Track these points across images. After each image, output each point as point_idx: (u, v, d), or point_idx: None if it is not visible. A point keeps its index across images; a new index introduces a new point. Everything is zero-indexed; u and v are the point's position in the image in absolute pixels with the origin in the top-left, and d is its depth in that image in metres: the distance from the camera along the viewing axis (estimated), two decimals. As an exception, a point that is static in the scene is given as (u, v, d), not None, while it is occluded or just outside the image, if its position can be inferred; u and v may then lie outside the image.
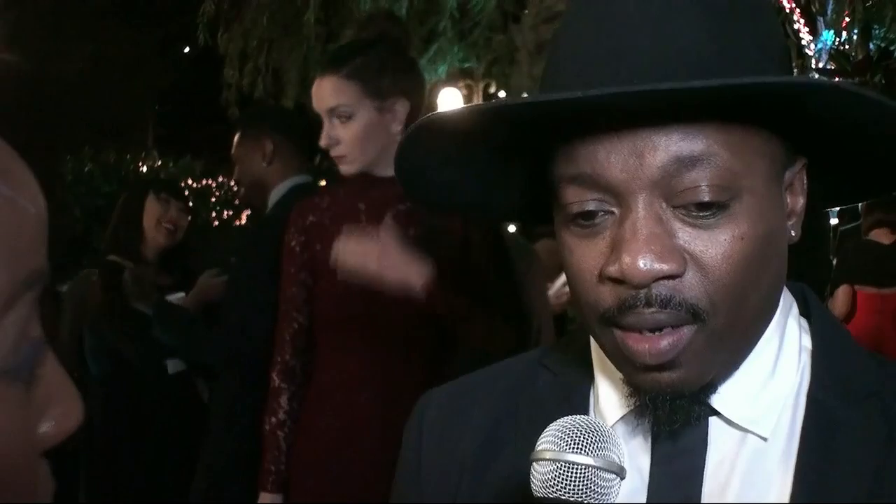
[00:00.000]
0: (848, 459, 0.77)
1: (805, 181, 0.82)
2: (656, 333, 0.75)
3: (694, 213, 0.74)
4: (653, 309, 0.74)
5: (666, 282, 0.74)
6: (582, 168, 0.75)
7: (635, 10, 0.75)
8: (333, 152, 2.30)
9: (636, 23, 0.74)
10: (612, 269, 0.74)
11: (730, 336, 0.76)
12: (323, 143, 2.31)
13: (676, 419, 0.78)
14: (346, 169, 2.29)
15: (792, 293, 0.87)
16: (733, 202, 0.74)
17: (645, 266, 0.72)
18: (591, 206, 0.76)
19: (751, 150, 0.74)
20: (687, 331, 0.74)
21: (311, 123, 2.37)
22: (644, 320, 0.74)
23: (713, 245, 0.74)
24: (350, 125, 2.26)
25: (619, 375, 0.81)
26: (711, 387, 0.79)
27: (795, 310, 0.86)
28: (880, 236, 5.13)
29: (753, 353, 0.81)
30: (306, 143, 3.09)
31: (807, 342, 0.84)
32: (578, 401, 0.87)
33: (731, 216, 0.74)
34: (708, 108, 0.72)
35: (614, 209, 0.75)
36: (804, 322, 0.86)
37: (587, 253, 0.77)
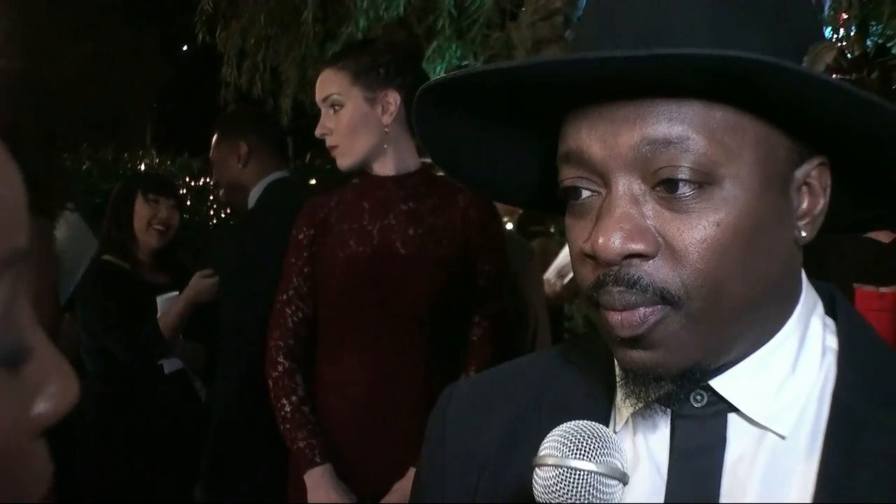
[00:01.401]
0: (872, 461, 0.77)
1: (826, 182, 0.81)
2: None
3: (668, 195, 0.74)
4: (620, 288, 0.75)
5: (636, 262, 0.75)
6: (570, 145, 0.78)
7: None
8: (327, 143, 2.36)
9: (636, 4, 0.76)
10: (586, 246, 0.77)
11: (710, 321, 0.76)
12: (317, 132, 2.36)
13: (664, 400, 0.80)
14: (340, 162, 2.32)
15: (818, 293, 0.87)
16: (711, 188, 0.74)
17: (614, 243, 0.74)
18: (577, 184, 0.78)
19: (740, 140, 0.74)
20: (661, 309, 0.75)
21: (283, 125, 2.43)
22: (613, 300, 0.76)
23: (687, 229, 0.74)
24: (341, 114, 2.31)
25: None
26: (697, 372, 0.79)
27: (820, 309, 0.86)
28: (879, 234, 5.12)
29: (771, 350, 0.81)
30: (280, 143, 3.18)
31: (832, 342, 0.84)
32: (601, 396, 0.88)
33: (709, 202, 0.74)
34: (682, 88, 0.72)
35: (601, 189, 0.77)
36: (830, 322, 0.86)
37: (578, 233, 0.79)
